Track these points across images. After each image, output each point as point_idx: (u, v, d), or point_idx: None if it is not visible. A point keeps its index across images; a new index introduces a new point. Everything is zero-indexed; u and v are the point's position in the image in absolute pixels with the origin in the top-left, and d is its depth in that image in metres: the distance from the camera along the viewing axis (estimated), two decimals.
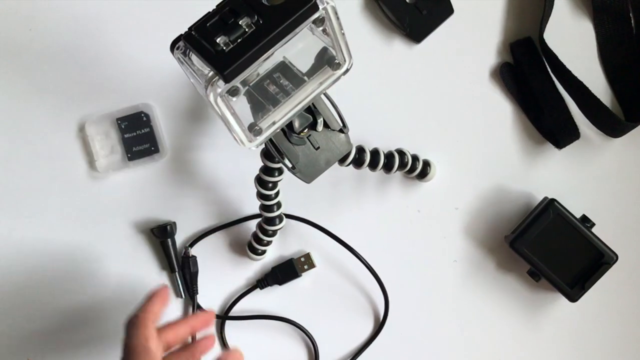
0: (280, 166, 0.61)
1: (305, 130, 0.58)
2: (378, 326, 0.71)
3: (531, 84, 0.70)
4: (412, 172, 0.68)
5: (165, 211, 0.71)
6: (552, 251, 0.67)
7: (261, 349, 0.71)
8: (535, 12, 0.71)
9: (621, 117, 0.70)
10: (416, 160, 0.68)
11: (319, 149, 0.59)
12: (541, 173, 0.71)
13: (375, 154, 0.65)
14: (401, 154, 0.67)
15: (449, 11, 0.71)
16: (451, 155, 0.71)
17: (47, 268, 0.70)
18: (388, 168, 0.66)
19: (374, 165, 0.65)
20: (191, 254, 0.71)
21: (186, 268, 0.70)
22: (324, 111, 0.58)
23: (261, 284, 0.71)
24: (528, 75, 0.70)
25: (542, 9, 0.69)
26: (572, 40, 0.71)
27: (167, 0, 0.71)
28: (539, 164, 0.71)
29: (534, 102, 0.70)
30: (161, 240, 0.70)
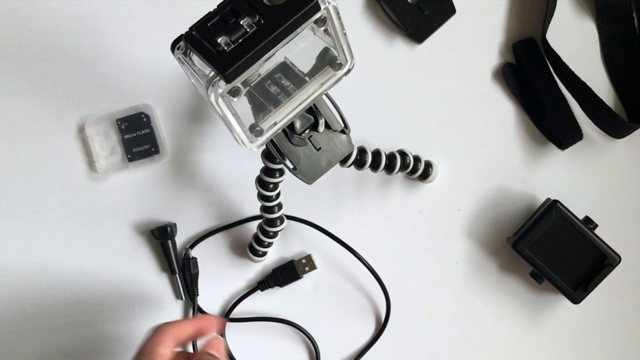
0: (281, 167, 0.61)
1: (307, 131, 0.58)
2: (380, 328, 0.71)
3: (534, 84, 0.70)
4: (414, 173, 0.68)
5: (166, 212, 0.71)
6: (555, 253, 0.66)
7: (262, 351, 0.71)
8: (537, 12, 0.70)
9: (624, 118, 0.70)
10: (418, 161, 0.68)
11: (321, 149, 0.59)
12: (544, 174, 0.71)
13: (377, 155, 0.65)
14: (403, 155, 0.66)
15: (451, 11, 0.70)
16: (453, 156, 0.71)
17: (45, 269, 0.70)
18: (390, 169, 0.66)
19: (375, 166, 0.65)
20: (191, 255, 0.71)
21: (186, 270, 0.70)
22: (326, 112, 0.58)
23: (262, 285, 0.70)
24: (530, 75, 0.70)
25: (545, 9, 0.69)
26: (575, 41, 0.71)
27: (167, 0, 0.71)
28: (541, 165, 0.71)
29: (537, 103, 0.70)
30: (161, 242, 0.70)
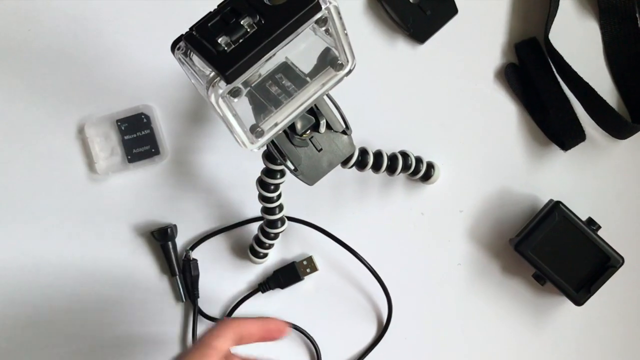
0: (282, 168, 0.61)
1: (308, 132, 0.57)
2: (381, 330, 0.70)
3: (536, 84, 0.69)
4: (415, 174, 0.68)
5: (166, 214, 0.70)
6: (558, 254, 0.66)
7: (263, 353, 0.70)
8: (540, 12, 0.70)
9: (627, 119, 0.69)
10: (420, 162, 0.67)
11: (322, 150, 0.59)
12: (546, 175, 0.71)
13: (379, 156, 0.64)
14: (405, 156, 0.66)
15: (453, 11, 0.70)
16: (455, 157, 0.71)
17: (45, 271, 0.70)
18: (391, 170, 0.65)
19: (377, 167, 0.64)
20: (192, 257, 0.70)
21: (187, 271, 0.70)
22: (327, 112, 0.58)
23: (263, 287, 0.70)
24: (533, 76, 0.69)
25: (548, 9, 0.69)
26: (578, 41, 0.70)
27: (167, 0, 0.70)
28: (544, 166, 0.71)
29: (539, 103, 0.70)
30: (161, 243, 0.70)
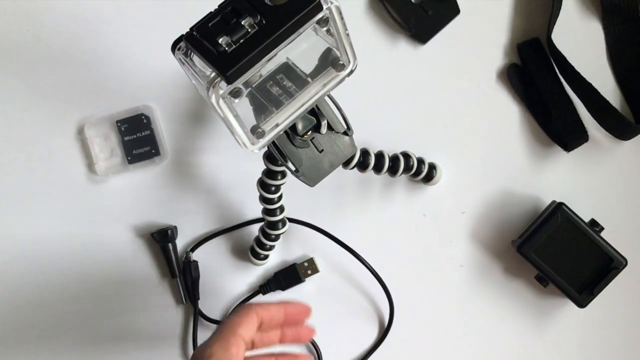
0: (283, 169, 0.60)
1: (309, 133, 0.57)
2: (383, 332, 0.70)
3: (539, 85, 0.69)
4: (417, 175, 0.67)
5: (166, 215, 0.70)
6: (560, 256, 0.66)
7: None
8: (543, 12, 0.70)
9: (631, 120, 0.69)
10: (422, 163, 0.67)
11: (323, 151, 0.58)
12: (549, 176, 0.70)
13: (380, 157, 0.64)
14: (406, 157, 0.66)
15: (455, 11, 0.70)
16: (457, 158, 0.71)
17: (44, 272, 0.70)
18: (393, 171, 0.65)
19: (378, 168, 0.64)
20: (192, 258, 0.70)
21: (187, 273, 0.70)
22: (328, 113, 0.57)
23: (264, 289, 0.70)
24: (536, 76, 0.69)
25: (550, 9, 0.69)
26: (581, 41, 0.70)
27: (168, 0, 0.70)
28: (546, 167, 0.70)
29: (542, 104, 0.70)
30: (162, 245, 0.69)
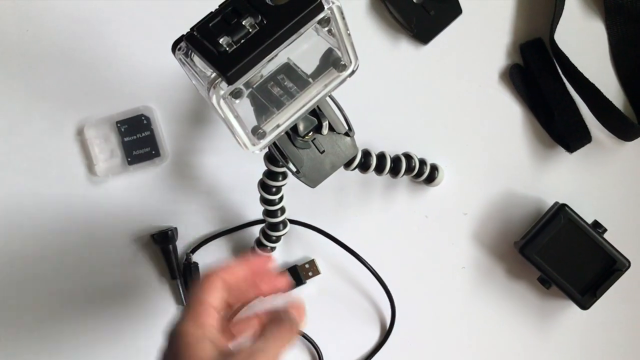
0: (284, 170, 0.60)
1: (310, 134, 0.57)
2: (385, 334, 0.70)
3: (541, 86, 0.69)
4: (419, 176, 0.67)
5: (166, 216, 0.70)
6: (563, 257, 0.66)
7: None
8: (545, 12, 0.70)
9: (634, 120, 0.69)
10: (423, 164, 0.67)
11: (324, 152, 0.58)
12: (552, 177, 0.70)
13: (382, 158, 0.64)
14: (408, 157, 0.66)
15: (457, 11, 0.70)
16: (459, 159, 0.70)
17: (43, 273, 0.70)
18: (395, 172, 0.65)
19: (380, 169, 0.64)
20: (193, 260, 0.70)
21: (188, 275, 0.69)
22: (329, 114, 0.57)
23: None
24: (538, 77, 0.69)
25: (553, 9, 0.68)
26: (584, 42, 0.70)
27: (168, 0, 0.70)
28: (549, 168, 0.70)
29: (545, 105, 0.69)
30: (162, 247, 0.69)
